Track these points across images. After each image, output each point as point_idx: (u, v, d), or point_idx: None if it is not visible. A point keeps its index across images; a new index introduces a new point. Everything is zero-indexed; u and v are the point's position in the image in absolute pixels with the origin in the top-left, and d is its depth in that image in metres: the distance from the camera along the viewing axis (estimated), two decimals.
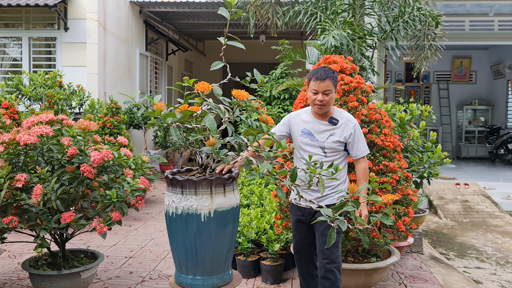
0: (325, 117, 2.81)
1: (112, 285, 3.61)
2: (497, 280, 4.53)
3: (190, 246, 2.34)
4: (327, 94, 2.71)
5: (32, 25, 8.42)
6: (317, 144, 2.80)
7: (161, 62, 12.09)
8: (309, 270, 3.02)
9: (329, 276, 2.75)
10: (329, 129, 2.79)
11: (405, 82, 13.85)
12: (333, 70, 2.78)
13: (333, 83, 2.73)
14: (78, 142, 3.10)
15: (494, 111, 13.42)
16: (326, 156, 2.78)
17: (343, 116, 2.83)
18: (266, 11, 5.93)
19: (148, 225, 5.55)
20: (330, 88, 2.71)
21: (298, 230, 2.97)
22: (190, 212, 2.30)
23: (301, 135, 2.84)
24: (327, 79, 2.70)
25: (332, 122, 2.78)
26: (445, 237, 6.13)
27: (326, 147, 2.78)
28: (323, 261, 2.78)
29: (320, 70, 2.76)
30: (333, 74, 2.75)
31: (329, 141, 2.77)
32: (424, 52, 5.84)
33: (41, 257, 3.28)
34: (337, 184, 2.82)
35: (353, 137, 2.78)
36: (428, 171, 4.12)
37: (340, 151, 2.81)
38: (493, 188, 8.40)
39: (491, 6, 8.75)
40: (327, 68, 2.78)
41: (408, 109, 4.21)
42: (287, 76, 7.40)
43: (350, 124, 2.80)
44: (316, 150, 2.79)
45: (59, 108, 6.08)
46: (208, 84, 2.34)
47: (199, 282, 2.36)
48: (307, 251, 2.99)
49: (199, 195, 2.29)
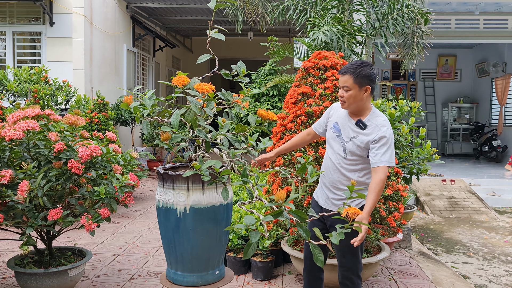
0: (356, 117, 2.56)
1: (100, 283, 3.56)
2: (485, 275, 4.59)
3: (169, 240, 2.36)
4: (346, 90, 2.48)
5: (17, 19, 8.24)
6: (341, 142, 2.60)
7: (148, 58, 11.97)
8: (314, 269, 2.85)
9: (346, 282, 2.66)
10: (355, 131, 2.54)
11: (391, 80, 13.97)
12: (362, 65, 2.50)
13: (354, 79, 2.45)
14: (65, 138, 3.03)
15: (478, 109, 13.61)
16: (345, 158, 2.57)
17: (375, 121, 2.52)
18: (255, 7, 5.90)
19: (136, 222, 5.48)
20: (348, 85, 2.46)
21: (313, 226, 2.78)
22: (168, 206, 2.32)
23: (331, 129, 2.67)
24: (346, 74, 2.48)
25: (359, 125, 2.53)
26: (433, 233, 6.20)
27: (347, 148, 2.56)
28: (340, 268, 2.68)
29: (347, 64, 2.55)
30: (356, 70, 2.46)
31: (351, 144, 2.55)
32: (412, 49, 5.88)
33: (27, 255, 3.21)
34: (359, 190, 2.55)
35: (376, 144, 2.46)
36: (417, 167, 4.15)
37: (363, 156, 2.54)
38: (478, 184, 8.53)
39: (477, 5, 8.86)
40: (354, 62, 2.53)
41: (398, 106, 4.23)
42: (276, 73, 7.38)
43: (377, 130, 2.48)
44: (339, 148, 2.61)
45: (45, 104, 5.96)
46: (185, 77, 2.30)
47: (179, 278, 2.36)
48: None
49: (176, 189, 2.29)
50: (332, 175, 2.63)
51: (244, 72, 2.41)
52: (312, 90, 3.58)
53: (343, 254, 2.65)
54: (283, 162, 3.51)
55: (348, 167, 2.58)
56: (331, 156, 2.64)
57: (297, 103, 3.59)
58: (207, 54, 2.42)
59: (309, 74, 3.68)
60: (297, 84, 3.70)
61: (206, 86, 2.24)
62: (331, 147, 2.66)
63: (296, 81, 3.75)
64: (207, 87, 2.24)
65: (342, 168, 2.59)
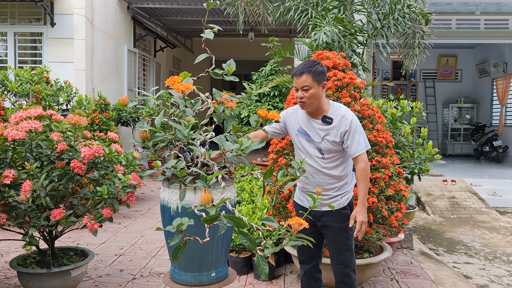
0: (318, 115, 2.57)
1: (103, 283, 3.56)
2: (486, 275, 4.58)
3: (167, 236, 2.39)
4: (305, 90, 2.48)
5: (18, 20, 8.26)
6: (313, 145, 2.59)
7: (149, 59, 11.98)
8: (312, 273, 2.81)
9: (345, 279, 2.67)
10: (324, 128, 2.55)
11: (392, 80, 13.97)
12: (314, 63, 2.52)
13: (312, 77, 2.47)
14: (68, 138, 3.04)
15: (479, 109, 13.61)
16: (324, 157, 2.58)
17: (338, 112, 2.56)
18: (256, 7, 5.91)
19: (138, 222, 5.49)
20: (307, 84, 2.47)
21: (303, 231, 2.83)
22: (164, 203, 2.36)
23: (297, 135, 2.66)
24: (303, 74, 2.48)
25: (325, 121, 2.54)
26: (434, 233, 6.20)
27: (323, 148, 2.57)
28: (338, 266, 2.67)
29: (299, 65, 2.54)
30: (312, 68, 2.49)
31: (325, 142, 2.55)
32: (413, 50, 5.88)
33: (30, 255, 3.21)
34: (341, 185, 2.62)
35: (348, 134, 2.51)
36: (419, 167, 4.15)
37: (339, 151, 2.58)
38: (479, 184, 8.52)
39: (478, 5, 8.86)
40: (307, 62, 2.54)
41: (399, 106, 4.23)
42: (277, 73, 7.38)
43: (345, 121, 2.52)
44: (314, 151, 2.60)
45: (47, 104, 5.97)
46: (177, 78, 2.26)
47: (176, 275, 2.41)
48: (311, 253, 2.79)
49: (171, 188, 2.33)
50: (316, 179, 2.62)
51: (231, 71, 2.38)
52: None
53: (340, 252, 2.66)
54: (285, 162, 3.51)
55: (328, 165, 2.59)
56: (309, 161, 2.61)
57: None
58: (204, 54, 2.42)
59: None
60: None
61: (182, 86, 2.20)
62: (305, 152, 2.63)
63: None
64: (183, 87, 2.20)
65: (323, 169, 2.59)
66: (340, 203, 2.61)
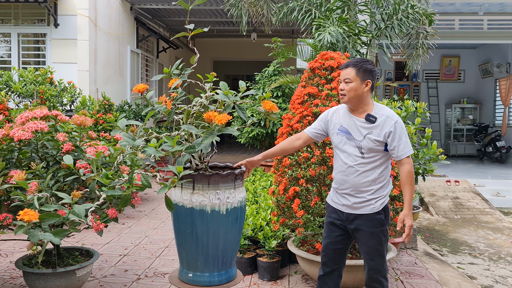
0: (361, 113, 2.53)
1: (108, 283, 3.57)
2: (491, 275, 4.58)
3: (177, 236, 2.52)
4: (347, 82, 2.48)
5: (22, 21, 8.28)
6: (354, 143, 2.53)
7: (152, 59, 12.00)
8: (333, 278, 2.73)
9: (374, 285, 2.62)
10: (367, 127, 2.49)
11: (394, 81, 13.95)
12: (363, 60, 2.52)
13: (356, 72, 2.47)
14: (73, 138, 3.05)
15: (482, 110, 13.58)
16: (363, 157, 2.51)
17: (383, 112, 2.51)
18: (260, 8, 5.92)
19: (142, 222, 5.49)
20: (350, 77, 2.47)
21: (330, 233, 2.69)
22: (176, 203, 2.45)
23: (338, 133, 2.59)
24: (348, 67, 2.50)
25: (369, 119, 2.49)
26: (438, 233, 6.18)
27: (363, 147, 2.50)
28: (369, 272, 2.62)
29: (350, 59, 2.56)
30: (358, 63, 2.50)
31: (367, 141, 2.49)
32: (416, 50, 5.88)
33: (35, 255, 3.22)
34: (377, 188, 2.53)
35: (393, 135, 2.45)
36: (423, 167, 4.14)
37: (380, 151, 2.51)
38: (483, 185, 8.51)
39: (481, 5, 8.84)
40: (357, 58, 2.56)
41: (403, 106, 4.23)
42: (280, 74, 7.38)
43: (390, 121, 2.47)
44: (353, 150, 2.53)
45: (51, 105, 5.99)
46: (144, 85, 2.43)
47: (184, 275, 2.46)
48: (335, 257, 2.70)
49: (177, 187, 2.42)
50: (353, 180, 2.54)
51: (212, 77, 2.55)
52: (318, 91, 3.58)
53: (371, 257, 2.59)
54: (289, 163, 3.51)
55: (368, 166, 2.51)
56: (346, 160, 2.55)
57: (303, 103, 3.60)
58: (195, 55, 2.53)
59: (315, 74, 3.68)
60: (303, 85, 3.70)
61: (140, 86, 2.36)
62: (344, 151, 2.57)
63: (302, 81, 3.76)
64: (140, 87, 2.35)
65: (362, 169, 2.52)
66: (374, 208, 2.53)
